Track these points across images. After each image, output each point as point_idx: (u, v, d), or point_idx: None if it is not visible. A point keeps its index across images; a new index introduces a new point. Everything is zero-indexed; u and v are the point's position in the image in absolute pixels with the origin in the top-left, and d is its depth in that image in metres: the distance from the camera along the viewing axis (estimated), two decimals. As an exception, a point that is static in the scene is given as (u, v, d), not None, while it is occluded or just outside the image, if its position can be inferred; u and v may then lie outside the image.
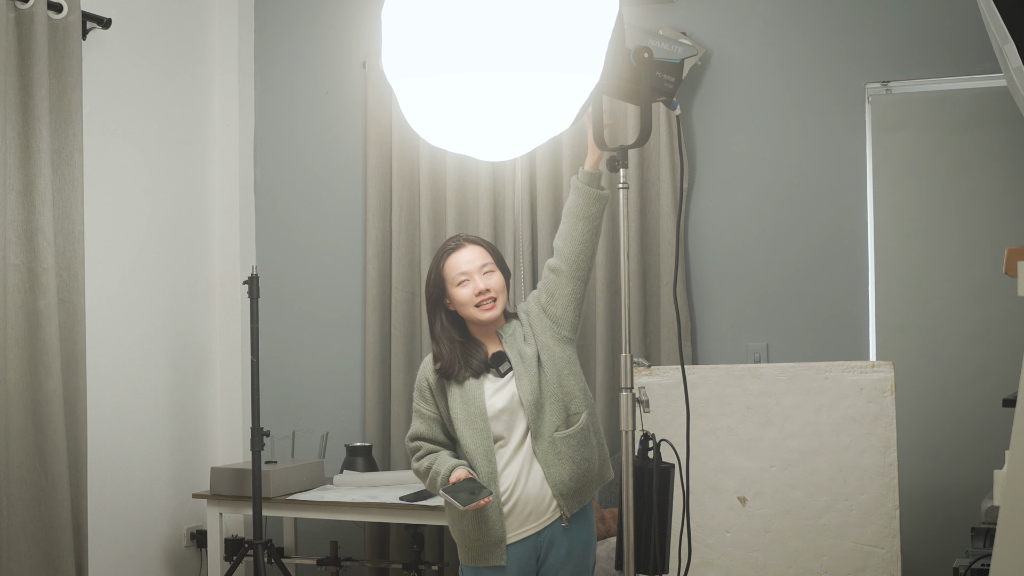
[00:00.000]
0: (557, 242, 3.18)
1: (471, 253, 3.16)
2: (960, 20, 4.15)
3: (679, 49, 2.62)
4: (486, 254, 3.18)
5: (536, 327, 3.16)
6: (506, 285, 3.21)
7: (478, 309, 3.13)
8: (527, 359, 3.12)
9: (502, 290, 3.16)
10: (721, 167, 4.50)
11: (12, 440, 3.85)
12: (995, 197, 4.18)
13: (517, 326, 3.19)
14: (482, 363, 3.13)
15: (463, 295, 3.13)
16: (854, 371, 3.68)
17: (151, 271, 4.67)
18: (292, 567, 4.76)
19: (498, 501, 3.07)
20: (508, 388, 3.11)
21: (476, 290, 3.12)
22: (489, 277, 3.14)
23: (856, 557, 3.60)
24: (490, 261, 3.17)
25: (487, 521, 3.06)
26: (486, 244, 3.22)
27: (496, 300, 3.13)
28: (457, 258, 3.15)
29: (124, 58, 4.54)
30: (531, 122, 2.26)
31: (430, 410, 3.17)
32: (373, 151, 4.86)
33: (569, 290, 3.15)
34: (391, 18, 2.23)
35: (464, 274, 3.13)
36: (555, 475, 3.07)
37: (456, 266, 3.15)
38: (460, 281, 3.13)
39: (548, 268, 3.18)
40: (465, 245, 3.18)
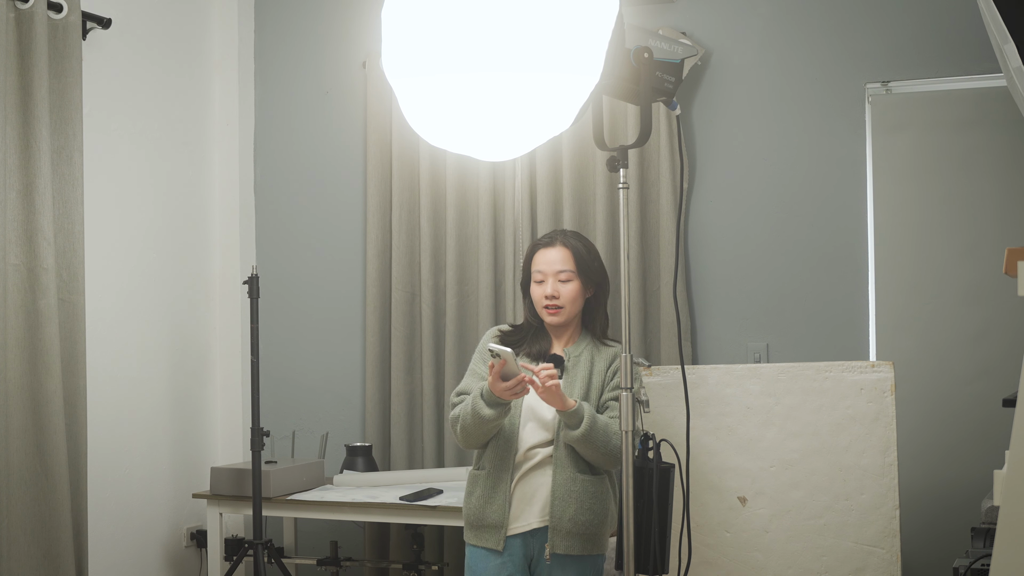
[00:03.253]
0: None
1: (556, 255, 3.22)
2: (960, 20, 4.15)
3: (679, 49, 2.62)
4: (569, 260, 3.21)
5: (608, 377, 3.20)
6: (596, 295, 3.26)
7: (544, 311, 3.22)
8: (581, 377, 3.18)
9: (573, 300, 3.21)
10: (721, 167, 4.50)
11: (12, 440, 3.85)
12: (995, 197, 4.18)
13: (596, 353, 3.24)
14: (539, 352, 3.21)
15: (535, 292, 3.24)
16: (854, 371, 3.68)
17: (151, 271, 4.67)
18: (292, 567, 4.76)
19: (508, 487, 3.12)
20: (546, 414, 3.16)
21: (545, 293, 3.20)
22: (563, 285, 3.20)
23: (856, 557, 3.60)
24: (570, 269, 3.20)
25: (494, 500, 3.13)
26: (578, 250, 3.24)
27: (562, 309, 3.20)
28: (542, 255, 3.24)
29: (124, 58, 4.54)
30: (531, 122, 2.26)
31: (485, 371, 3.18)
32: (373, 151, 4.86)
33: None
34: (391, 18, 2.23)
35: (541, 273, 3.22)
36: (558, 510, 3.11)
37: (537, 263, 3.24)
38: (538, 279, 3.23)
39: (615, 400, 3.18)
40: (555, 244, 3.25)
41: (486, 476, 3.16)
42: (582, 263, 3.22)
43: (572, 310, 3.22)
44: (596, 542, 3.16)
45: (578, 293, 3.22)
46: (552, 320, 3.22)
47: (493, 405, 3.05)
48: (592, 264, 3.25)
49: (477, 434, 3.12)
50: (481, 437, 3.14)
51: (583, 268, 3.22)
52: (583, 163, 4.56)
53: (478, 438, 3.14)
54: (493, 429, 3.12)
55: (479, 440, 3.16)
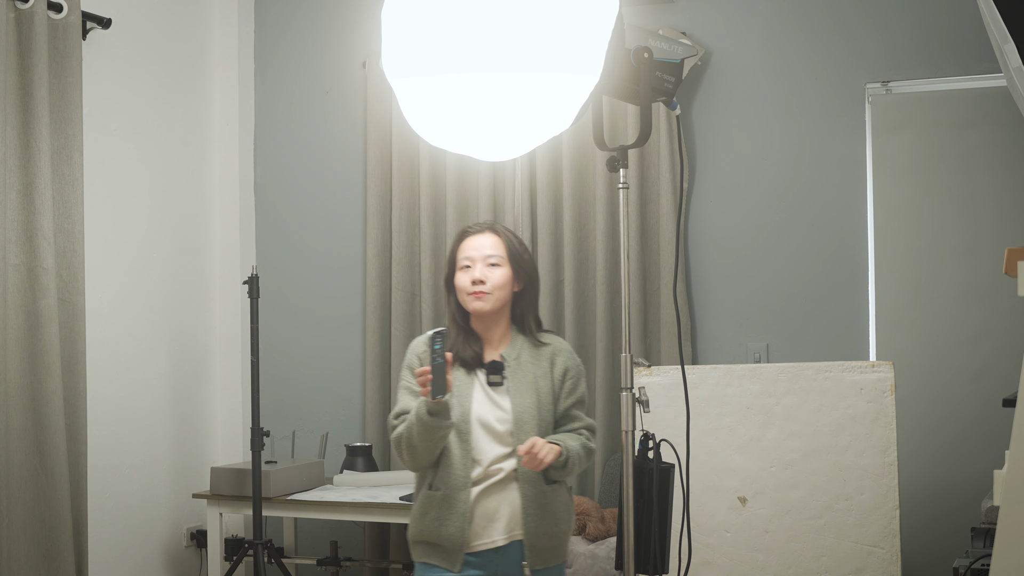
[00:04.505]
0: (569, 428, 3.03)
1: (485, 240, 3.00)
2: (960, 20, 4.15)
3: (679, 49, 2.62)
4: (499, 245, 3.00)
5: (556, 380, 3.01)
6: (525, 290, 3.03)
7: (469, 297, 2.96)
8: (527, 381, 2.97)
9: (502, 287, 2.97)
10: (721, 167, 4.50)
11: (12, 440, 3.85)
12: (995, 197, 4.18)
13: (534, 353, 3.01)
14: (474, 358, 2.97)
15: (461, 280, 2.99)
16: (854, 371, 3.68)
17: (151, 271, 4.67)
18: (292, 567, 4.76)
19: (467, 506, 2.90)
20: (499, 401, 2.96)
21: (472, 277, 2.96)
22: (491, 270, 2.96)
23: (856, 557, 3.60)
24: (500, 254, 2.99)
25: (451, 520, 2.91)
26: (510, 239, 3.03)
27: (489, 295, 2.95)
28: (469, 242, 3.01)
29: (124, 58, 4.54)
30: (531, 122, 2.26)
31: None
32: (373, 151, 4.86)
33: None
34: (391, 18, 2.23)
35: (468, 259, 2.98)
36: (533, 524, 2.94)
37: (465, 249, 3.01)
38: (463, 266, 2.99)
39: (576, 407, 3.03)
40: (484, 231, 3.03)
41: (442, 498, 2.91)
42: (513, 250, 3.01)
43: (500, 297, 2.97)
44: (564, 550, 3.04)
45: (507, 280, 2.98)
46: (477, 306, 2.95)
47: (434, 413, 2.81)
48: (523, 255, 3.03)
49: (423, 449, 2.86)
50: (428, 453, 2.88)
51: (514, 256, 3.00)
52: (583, 163, 4.56)
53: (425, 454, 2.88)
54: (440, 442, 2.87)
55: (427, 457, 2.89)
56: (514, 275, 3.00)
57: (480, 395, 2.95)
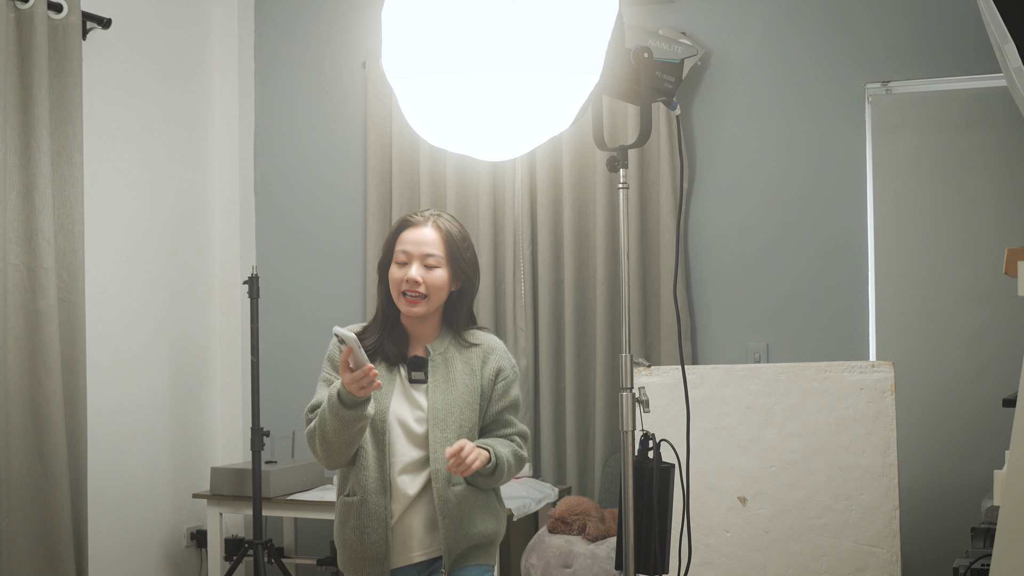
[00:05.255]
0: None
1: (425, 235, 2.75)
2: (960, 20, 4.15)
3: (679, 49, 2.62)
4: (439, 244, 2.75)
5: (486, 380, 2.79)
6: (463, 290, 2.81)
7: (402, 298, 2.75)
8: (449, 379, 2.76)
9: (439, 290, 2.75)
10: (721, 167, 4.50)
11: (12, 440, 3.85)
12: (995, 197, 4.18)
13: (460, 352, 2.79)
14: (397, 354, 2.77)
15: (395, 274, 2.76)
16: (854, 371, 3.68)
17: (151, 271, 4.67)
18: (292, 567, 4.76)
19: (385, 511, 2.70)
20: (419, 400, 2.76)
21: (406, 276, 2.73)
22: (428, 272, 2.73)
23: (856, 557, 3.60)
24: (439, 254, 2.74)
25: (371, 532, 2.71)
26: (451, 235, 2.78)
27: (425, 299, 2.73)
28: (409, 234, 2.77)
29: (124, 58, 4.54)
30: (531, 122, 2.26)
31: (339, 378, 2.74)
32: (373, 151, 4.86)
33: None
34: (391, 18, 2.23)
35: (405, 253, 2.75)
36: (451, 528, 2.71)
37: (403, 241, 2.77)
38: (401, 259, 2.76)
39: (509, 411, 2.82)
40: (426, 225, 2.77)
41: (360, 504, 2.70)
42: (454, 250, 2.76)
43: (435, 301, 2.75)
44: (490, 552, 2.81)
45: (444, 283, 2.75)
46: (410, 311, 2.74)
47: (350, 405, 2.61)
48: (464, 254, 2.78)
49: (339, 443, 2.65)
50: (344, 448, 2.67)
51: (454, 255, 2.76)
52: (583, 163, 4.57)
53: (341, 449, 2.67)
54: (357, 437, 2.66)
55: (343, 452, 2.69)
56: (452, 276, 2.78)
57: (400, 392, 2.76)
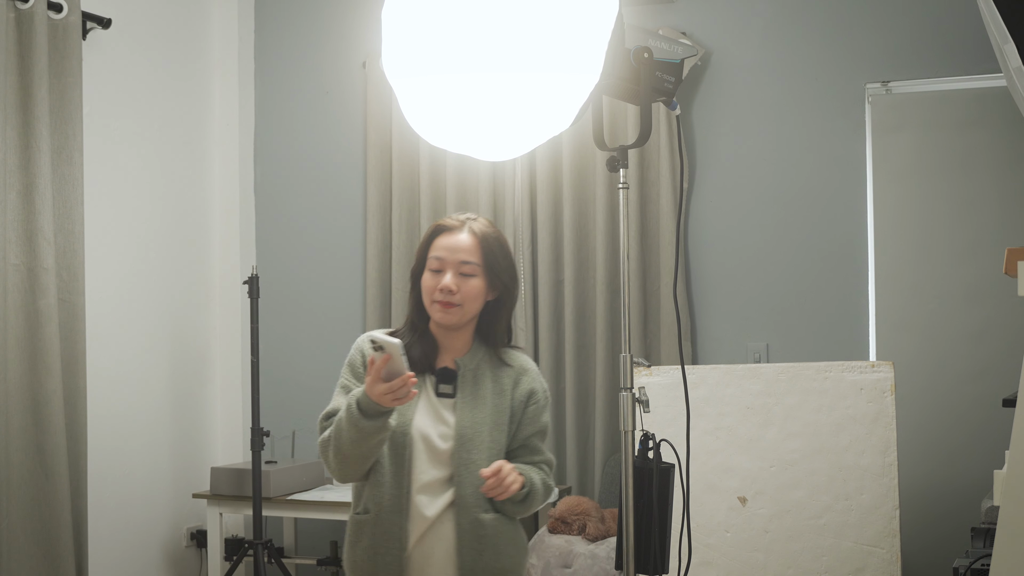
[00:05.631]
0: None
1: (460, 242, 2.61)
2: (960, 20, 4.15)
3: (679, 49, 2.62)
4: (476, 251, 2.60)
5: (517, 402, 2.64)
6: (500, 300, 2.66)
7: (436, 306, 2.59)
8: (480, 396, 2.60)
9: (473, 299, 2.60)
10: (721, 167, 4.50)
11: (12, 440, 3.85)
12: (995, 197, 4.18)
13: (495, 370, 2.64)
14: (424, 364, 2.61)
15: (428, 282, 2.61)
16: (854, 371, 3.68)
17: (151, 271, 4.67)
18: (292, 567, 4.76)
19: (403, 532, 2.53)
20: (445, 416, 2.59)
21: (440, 285, 2.58)
22: (464, 280, 2.58)
23: (856, 557, 3.60)
24: (475, 262, 2.60)
25: (386, 555, 2.53)
26: (488, 242, 2.63)
27: (458, 308, 2.58)
28: (443, 240, 2.62)
29: (124, 58, 4.54)
30: (531, 122, 2.26)
31: (358, 385, 2.62)
32: (373, 151, 4.86)
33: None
34: (391, 18, 2.23)
35: (439, 260, 2.60)
36: (468, 559, 2.54)
37: (437, 248, 2.62)
38: (434, 266, 2.60)
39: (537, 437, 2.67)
40: (463, 231, 2.63)
41: (373, 523, 2.54)
42: (490, 257, 2.61)
43: (469, 311, 2.60)
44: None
45: (480, 292, 2.61)
46: (443, 319, 2.59)
47: (371, 415, 2.43)
48: (502, 262, 2.64)
49: (355, 456, 2.50)
50: (361, 461, 2.52)
51: (490, 264, 2.61)
52: (583, 163, 4.57)
53: (357, 462, 2.52)
54: (375, 449, 2.50)
55: (359, 466, 2.53)
56: (488, 285, 2.62)
57: (424, 405, 2.59)
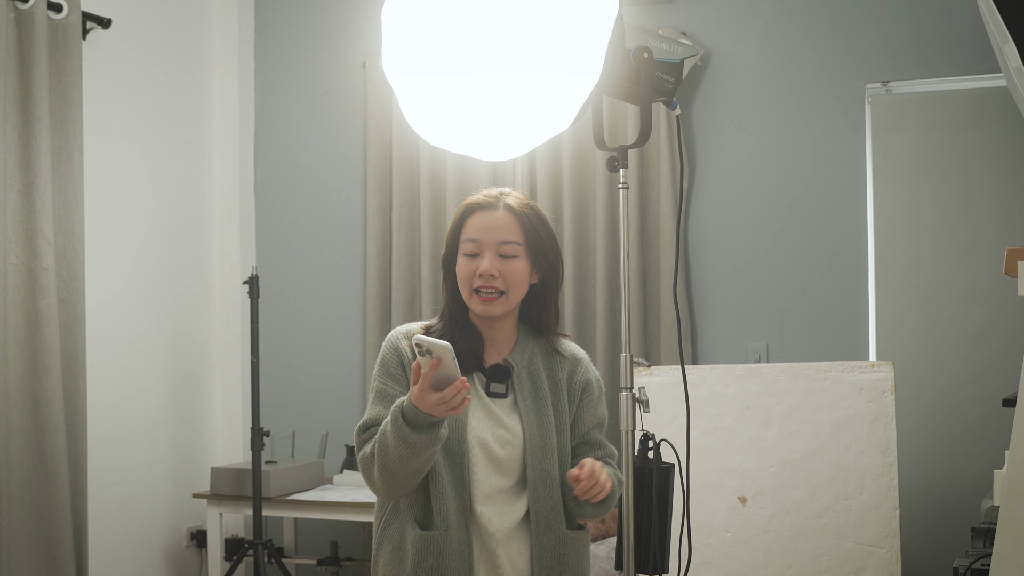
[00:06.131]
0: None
1: (499, 219, 2.34)
2: (960, 20, 4.15)
3: (679, 49, 2.62)
4: (516, 229, 2.33)
5: (575, 395, 2.45)
6: (545, 282, 2.41)
7: (475, 296, 2.33)
8: (540, 395, 2.39)
9: (518, 283, 2.33)
10: (721, 167, 4.50)
11: (12, 440, 3.85)
12: (995, 197, 4.18)
13: (550, 361, 2.42)
14: (473, 361, 2.35)
15: (464, 269, 2.34)
16: (854, 371, 3.68)
17: (151, 271, 4.67)
18: (292, 567, 4.76)
19: (468, 548, 2.28)
20: (502, 418, 2.36)
21: (479, 270, 2.32)
22: (505, 262, 2.32)
23: (856, 557, 3.60)
24: (518, 240, 2.33)
25: (451, 573, 2.27)
26: (527, 217, 2.35)
27: (502, 296, 2.32)
28: (477, 219, 2.35)
29: (124, 58, 4.54)
30: (531, 122, 2.26)
31: (399, 390, 2.34)
32: (373, 151, 4.86)
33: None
34: (391, 18, 2.23)
35: (474, 243, 2.33)
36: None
37: (471, 229, 2.35)
38: (469, 250, 2.34)
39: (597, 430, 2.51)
40: (498, 207, 2.35)
41: (442, 540, 2.26)
42: (533, 234, 2.35)
43: (515, 297, 2.34)
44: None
45: (524, 275, 2.34)
46: (486, 310, 2.32)
47: (421, 427, 2.16)
48: (545, 238, 2.37)
49: (404, 472, 2.21)
50: (411, 477, 2.24)
51: (534, 243, 2.35)
52: (583, 163, 4.57)
53: (407, 479, 2.24)
54: (427, 464, 2.23)
55: (408, 483, 2.25)
56: (532, 266, 2.37)
57: (478, 407, 2.34)
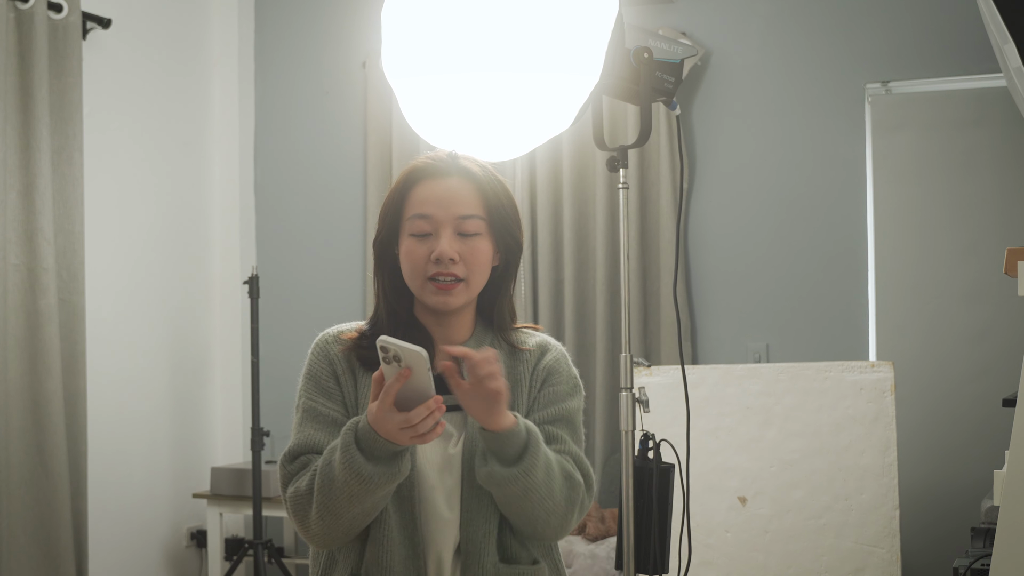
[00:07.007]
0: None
1: (455, 189, 1.85)
2: (960, 20, 4.15)
3: (679, 49, 2.62)
4: (477, 199, 1.85)
5: (534, 386, 1.90)
6: (505, 265, 1.91)
7: (429, 285, 1.81)
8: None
9: (481, 268, 1.85)
10: (721, 167, 4.50)
11: (12, 440, 3.85)
12: (995, 197, 4.18)
13: (509, 358, 1.89)
14: None
15: (412, 252, 1.82)
16: (854, 371, 3.68)
17: (151, 271, 4.67)
18: (292, 567, 4.76)
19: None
20: (450, 433, 1.83)
21: (432, 253, 1.81)
22: (466, 241, 1.83)
23: (856, 557, 3.60)
24: (479, 215, 1.85)
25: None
26: (487, 186, 1.88)
27: (461, 284, 1.82)
28: (428, 188, 1.85)
29: (124, 58, 4.54)
30: (531, 122, 2.26)
31: (332, 408, 1.84)
32: (373, 151, 4.86)
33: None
34: (391, 18, 2.22)
35: (426, 219, 1.82)
36: None
37: (419, 201, 1.84)
38: (419, 229, 1.83)
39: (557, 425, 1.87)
40: (451, 173, 1.87)
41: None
42: (497, 208, 1.87)
43: (476, 286, 1.85)
44: None
45: (488, 257, 1.86)
46: (443, 302, 1.82)
47: (379, 457, 1.68)
48: (510, 211, 1.89)
49: (352, 516, 1.73)
50: (358, 521, 1.75)
51: (498, 217, 1.86)
52: (583, 163, 4.57)
53: (353, 523, 1.75)
54: (379, 504, 1.74)
55: (354, 527, 1.76)
56: (495, 246, 1.89)
57: None
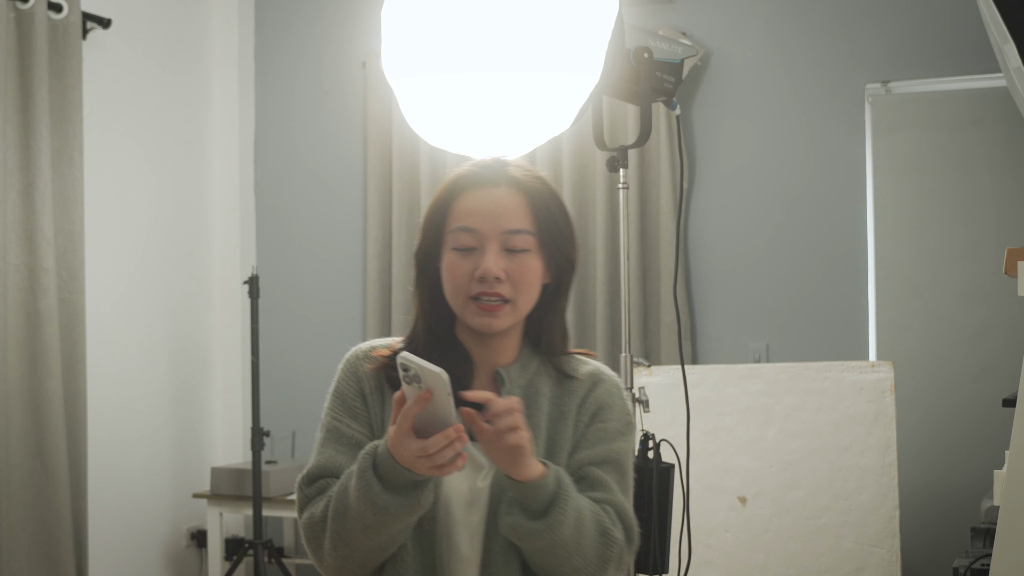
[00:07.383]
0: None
1: (503, 200, 1.71)
2: (960, 20, 4.15)
3: (679, 49, 2.62)
4: (526, 212, 1.70)
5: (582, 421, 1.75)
6: (557, 283, 1.77)
7: (471, 304, 1.69)
8: (536, 427, 1.71)
9: (530, 288, 1.71)
10: (721, 167, 4.50)
11: (12, 440, 3.85)
12: (995, 197, 4.18)
13: (555, 386, 1.76)
14: (458, 380, 1.65)
15: (455, 268, 1.71)
16: (854, 371, 3.68)
17: (151, 271, 4.67)
18: (292, 567, 4.76)
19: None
20: (481, 462, 1.70)
21: (477, 271, 1.69)
22: (514, 259, 1.69)
23: (856, 557, 3.60)
24: (529, 230, 1.70)
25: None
26: (543, 201, 1.72)
27: (507, 305, 1.69)
28: (476, 198, 1.72)
29: (124, 58, 4.54)
30: (531, 122, 2.26)
31: (357, 429, 1.78)
32: (373, 151, 4.86)
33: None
34: (391, 18, 2.23)
35: (471, 233, 1.70)
36: None
37: (464, 213, 1.72)
38: (463, 243, 1.71)
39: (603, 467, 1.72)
40: (501, 182, 1.72)
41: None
42: (548, 222, 1.72)
43: (523, 307, 1.72)
44: None
45: (538, 276, 1.72)
46: (487, 324, 1.69)
47: (398, 487, 1.58)
48: (563, 226, 1.75)
49: (367, 548, 1.64)
50: (375, 554, 1.66)
51: (549, 232, 1.72)
52: (583, 163, 4.57)
53: (368, 557, 1.66)
54: (397, 539, 1.65)
55: (371, 560, 1.67)
56: (545, 264, 1.74)
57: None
